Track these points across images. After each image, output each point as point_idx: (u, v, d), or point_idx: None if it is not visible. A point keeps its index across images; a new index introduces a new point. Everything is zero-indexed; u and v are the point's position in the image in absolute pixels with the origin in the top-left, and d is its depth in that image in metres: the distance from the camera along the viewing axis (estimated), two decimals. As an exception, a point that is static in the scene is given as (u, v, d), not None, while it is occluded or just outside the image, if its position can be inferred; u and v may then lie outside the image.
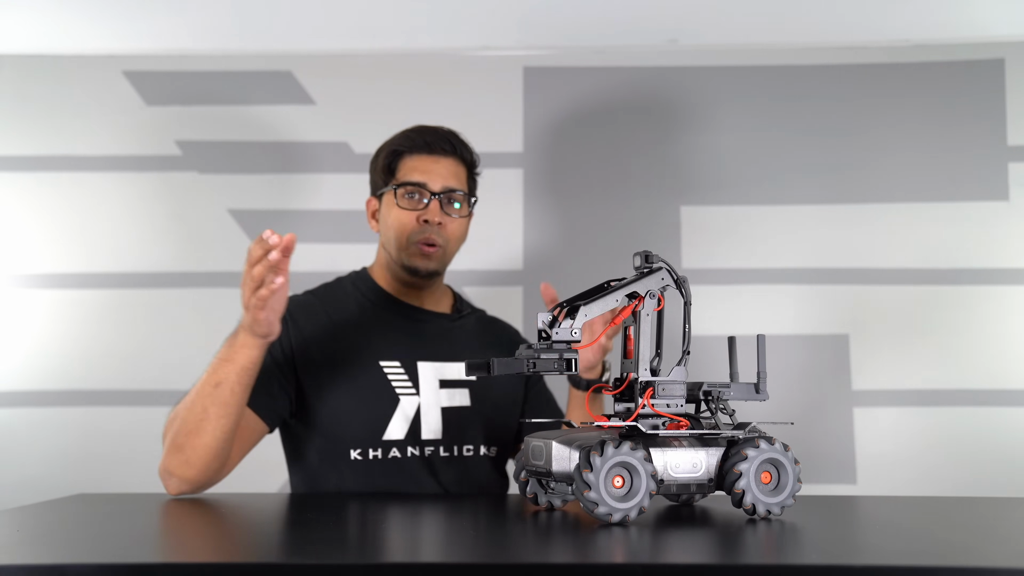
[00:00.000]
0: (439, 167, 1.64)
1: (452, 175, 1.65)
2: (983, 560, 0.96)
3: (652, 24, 2.29)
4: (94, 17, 2.23)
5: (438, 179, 1.64)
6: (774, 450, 1.14)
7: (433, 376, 1.64)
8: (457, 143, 1.67)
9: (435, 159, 1.65)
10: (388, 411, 1.60)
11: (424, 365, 1.64)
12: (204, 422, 1.42)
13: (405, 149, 1.66)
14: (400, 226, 1.63)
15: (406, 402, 1.61)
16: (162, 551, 1.02)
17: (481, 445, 1.65)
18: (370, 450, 1.58)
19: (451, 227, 1.65)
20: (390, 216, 1.65)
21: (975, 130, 2.30)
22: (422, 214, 1.62)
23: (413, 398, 1.62)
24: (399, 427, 1.60)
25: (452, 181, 1.65)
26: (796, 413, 2.21)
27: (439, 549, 1.07)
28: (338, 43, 2.35)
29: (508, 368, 1.11)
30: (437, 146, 1.65)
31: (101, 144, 2.34)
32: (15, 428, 2.24)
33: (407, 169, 1.65)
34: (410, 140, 1.66)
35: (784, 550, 1.01)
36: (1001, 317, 2.25)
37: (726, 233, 2.32)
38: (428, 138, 1.65)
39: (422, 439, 1.60)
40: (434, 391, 1.63)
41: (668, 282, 1.19)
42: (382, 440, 1.59)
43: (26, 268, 2.30)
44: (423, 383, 1.63)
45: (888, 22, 2.28)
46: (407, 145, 1.66)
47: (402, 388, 1.62)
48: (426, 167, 1.64)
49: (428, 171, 1.64)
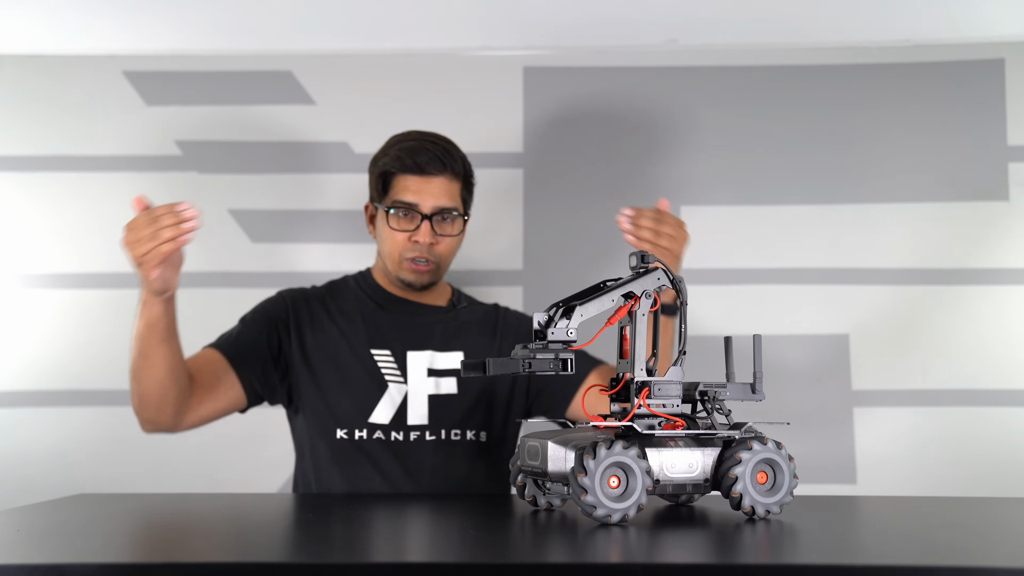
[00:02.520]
0: (431, 187, 1.67)
1: (444, 193, 1.68)
2: (983, 560, 0.96)
3: (652, 24, 2.29)
4: (94, 17, 2.23)
5: (429, 199, 1.67)
6: (768, 450, 1.15)
7: (422, 365, 1.70)
8: (447, 160, 1.69)
9: (426, 179, 1.68)
10: (375, 396, 1.67)
11: (414, 355, 1.71)
12: (141, 370, 1.57)
13: (396, 170, 1.69)
14: (392, 244, 1.70)
15: (394, 389, 1.68)
16: (162, 551, 1.02)
17: (468, 430, 1.69)
18: (356, 431, 1.66)
19: (442, 245, 1.70)
20: (383, 232, 1.72)
21: (975, 130, 2.30)
22: (413, 235, 1.67)
23: (401, 386, 1.68)
24: (385, 411, 1.66)
25: (444, 200, 1.68)
26: (796, 413, 2.20)
27: (438, 549, 1.07)
28: (338, 43, 2.35)
29: (504, 368, 1.11)
30: (428, 166, 1.67)
31: (101, 144, 2.34)
32: (15, 428, 2.24)
33: (399, 189, 1.69)
34: (400, 162, 1.68)
35: (783, 550, 1.01)
36: (1001, 317, 2.25)
37: (726, 233, 2.31)
38: (419, 159, 1.67)
39: (407, 424, 1.67)
40: (422, 379, 1.70)
41: (664, 282, 1.19)
42: (368, 422, 1.66)
43: (26, 268, 2.30)
44: (411, 372, 1.69)
45: (888, 22, 2.28)
46: (398, 167, 1.68)
47: (391, 375, 1.69)
48: (417, 187, 1.67)
49: (419, 191, 1.67)
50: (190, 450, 2.14)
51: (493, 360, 1.12)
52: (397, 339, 1.71)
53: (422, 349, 1.71)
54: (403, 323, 1.73)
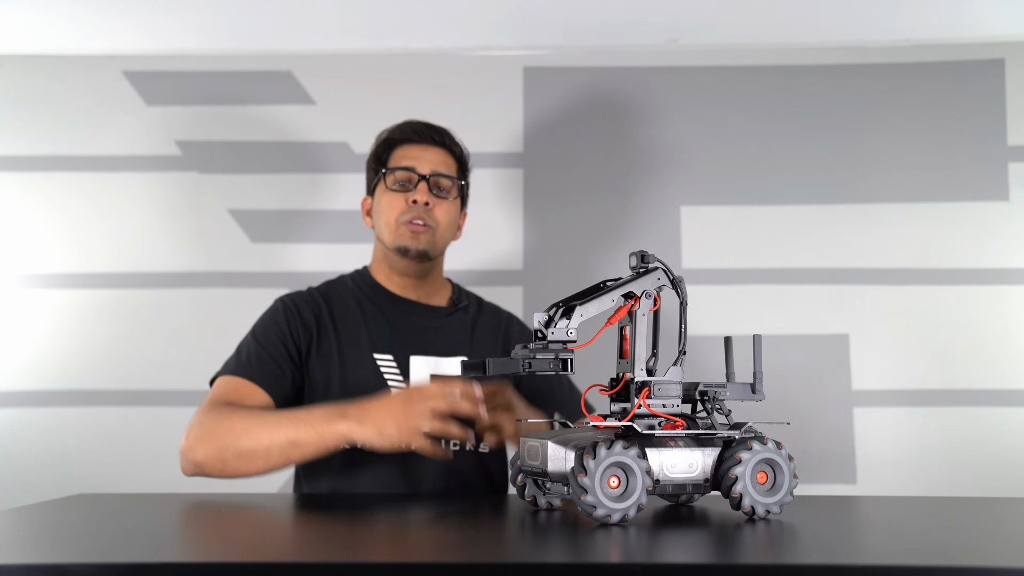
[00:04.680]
0: (428, 154, 1.72)
1: (441, 162, 1.73)
2: (983, 560, 0.96)
3: (652, 24, 2.29)
4: (94, 17, 2.23)
5: (426, 164, 1.71)
6: (767, 450, 1.14)
7: (425, 370, 1.68)
8: (447, 136, 1.75)
9: (424, 148, 1.72)
10: None
11: (417, 359, 1.68)
12: (258, 459, 1.46)
13: (396, 139, 1.73)
14: (390, 208, 1.70)
15: None
16: (162, 551, 1.02)
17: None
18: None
19: (440, 209, 1.71)
20: (382, 201, 1.72)
21: (975, 130, 2.30)
22: (411, 195, 1.68)
23: None
24: None
25: (441, 167, 1.72)
26: (796, 413, 2.21)
27: (438, 549, 1.07)
28: (338, 43, 2.35)
29: (503, 368, 1.11)
30: (426, 135, 1.73)
31: (101, 144, 2.34)
32: (15, 428, 2.24)
33: (397, 157, 1.72)
34: (400, 131, 1.74)
35: (783, 550, 1.01)
36: (1001, 317, 2.25)
37: (726, 233, 2.32)
38: (417, 127, 1.73)
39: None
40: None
41: (664, 282, 1.19)
42: None
43: (26, 268, 2.30)
44: (414, 377, 1.67)
45: (888, 22, 2.28)
46: (397, 135, 1.73)
47: (393, 381, 1.65)
48: (415, 154, 1.72)
49: (417, 157, 1.71)
50: (190, 450, 2.13)
51: (493, 360, 1.11)
52: (399, 343, 1.69)
53: (425, 354, 1.69)
54: (405, 326, 1.71)
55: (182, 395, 2.24)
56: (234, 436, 1.46)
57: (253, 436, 1.45)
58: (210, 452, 1.47)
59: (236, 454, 1.46)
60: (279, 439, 1.45)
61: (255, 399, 1.57)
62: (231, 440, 1.46)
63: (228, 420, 1.49)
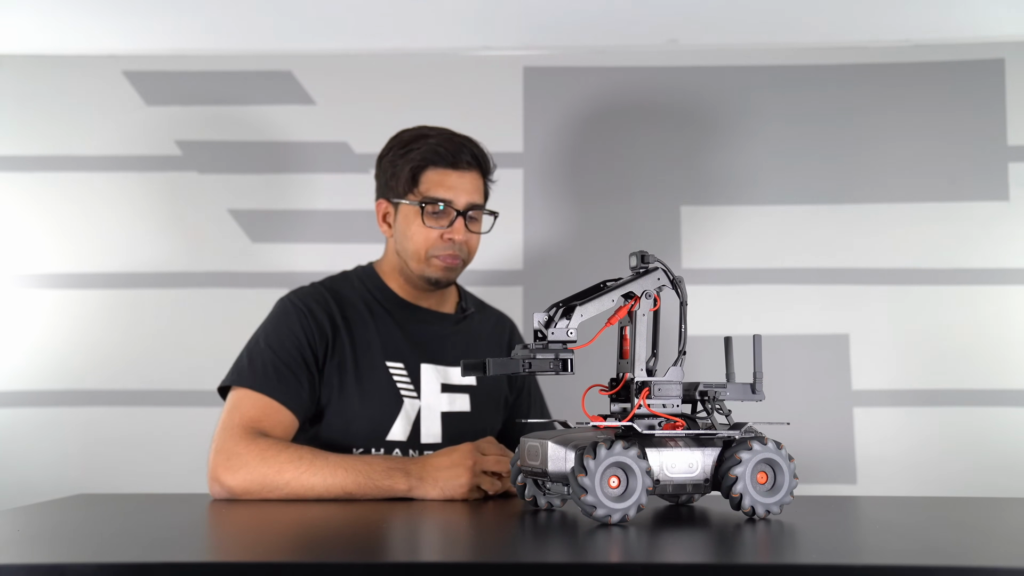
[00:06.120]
0: (464, 182, 1.64)
1: (476, 189, 1.66)
2: (983, 560, 0.96)
3: (652, 24, 2.29)
4: (94, 17, 2.23)
5: (463, 195, 1.64)
6: (768, 450, 1.15)
7: (435, 379, 1.66)
8: (479, 154, 1.67)
9: (460, 174, 1.64)
10: (393, 412, 1.62)
11: (427, 368, 1.67)
12: (298, 494, 1.41)
13: (430, 163, 1.64)
14: (422, 239, 1.63)
15: (408, 404, 1.63)
16: (162, 551, 1.02)
17: None
18: (372, 449, 1.61)
19: (472, 242, 1.68)
20: (410, 229, 1.64)
21: (975, 130, 2.30)
22: (447, 232, 1.63)
23: (415, 400, 1.64)
24: (401, 428, 1.62)
25: (475, 196, 1.66)
26: (796, 413, 2.20)
27: (439, 549, 1.07)
28: (338, 43, 2.35)
29: (504, 368, 1.11)
30: (461, 160, 1.64)
31: (101, 144, 2.34)
32: (15, 428, 2.24)
33: (432, 183, 1.63)
34: (436, 154, 1.64)
35: (783, 550, 1.01)
36: (1001, 317, 2.25)
37: (726, 233, 2.32)
38: (452, 148, 1.64)
39: (421, 443, 1.63)
40: (435, 395, 1.66)
41: (664, 282, 1.19)
42: (385, 440, 1.61)
43: (26, 268, 2.30)
44: (425, 386, 1.65)
45: (888, 22, 2.28)
46: (433, 159, 1.64)
47: (405, 390, 1.64)
48: (451, 183, 1.63)
49: (453, 187, 1.63)
50: (190, 450, 2.13)
51: (493, 360, 1.11)
52: (410, 351, 1.66)
53: (436, 363, 1.67)
54: (416, 333, 1.69)
55: (181, 395, 2.25)
56: (283, 480, 1.41)
57: (305, 482, 1.41)
58: (250, 486, 1.42)
59: (284, 495, 1.41)
60: (333, 488, 1.41)
61: (283, 423, 1.52)
62: (279, 483, 1.41)
63: (275, 458, 1.43)
